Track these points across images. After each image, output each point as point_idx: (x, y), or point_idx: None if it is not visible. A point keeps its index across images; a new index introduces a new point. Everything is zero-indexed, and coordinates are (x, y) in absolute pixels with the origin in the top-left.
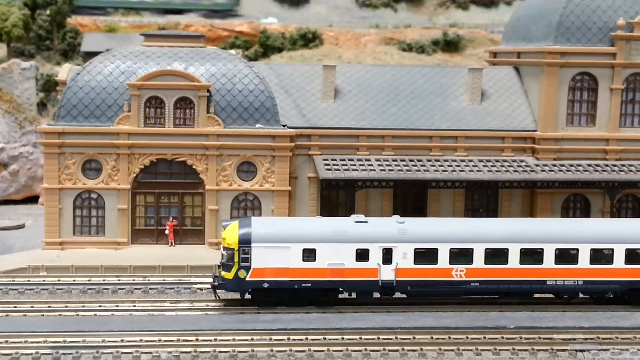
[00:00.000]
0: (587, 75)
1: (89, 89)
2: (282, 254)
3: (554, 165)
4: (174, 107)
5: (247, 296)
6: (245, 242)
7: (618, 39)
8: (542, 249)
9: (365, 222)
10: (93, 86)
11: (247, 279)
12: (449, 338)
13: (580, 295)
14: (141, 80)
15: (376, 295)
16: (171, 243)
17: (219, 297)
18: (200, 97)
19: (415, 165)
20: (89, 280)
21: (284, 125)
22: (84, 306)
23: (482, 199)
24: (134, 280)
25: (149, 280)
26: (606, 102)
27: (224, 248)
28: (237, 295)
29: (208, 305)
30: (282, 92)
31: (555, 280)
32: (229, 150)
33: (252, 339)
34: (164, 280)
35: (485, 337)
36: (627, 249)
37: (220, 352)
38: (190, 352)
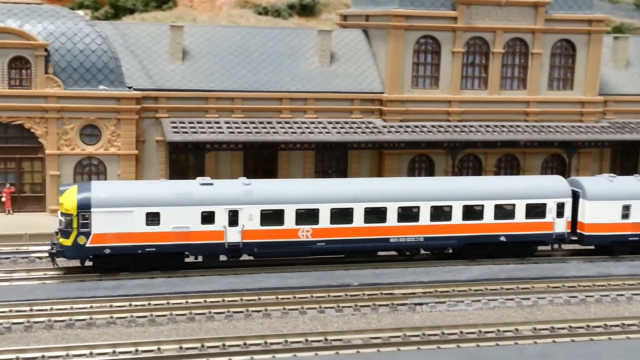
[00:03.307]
0: (430, 38)
1: None
2: (125, 219)
3: (400, 127)
4: (8, 67)
5: (89, 263)
6: (84, 207)
7: (459, 3)
8: (385, 208)
9: (211, 184)
10: None
11: (88, 245)
12: (294, 298)
13: (422, 251)
14: None
15: (223, 258)
16: (8, 211)
17: (57, 265)
18: (38, 57)
19: (265, 128)
20: None
21: (129, 87)
22: None
23: (331, 160)
24: None
25: None
26: (448, 65)
27: (62, 214)
28: (77, 263)
29: (46, 274)
30: (127, 52)
31: (398, 238)
32: (70, 112)
33: (91, 307)
34: None
35: (329, 295)
36: (464, 206)
37: (55, 321)
38: (23, 323)
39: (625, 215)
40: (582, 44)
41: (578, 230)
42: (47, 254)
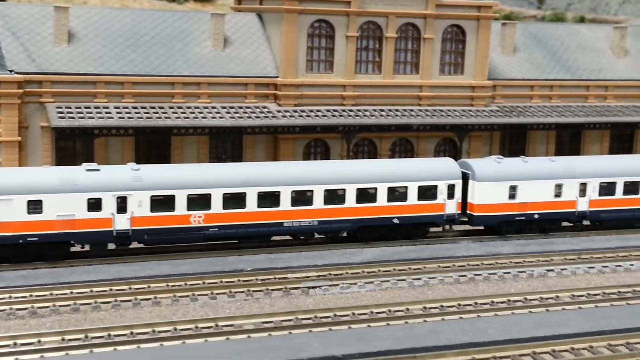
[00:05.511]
0: (324, 22)
1: None
2: (4, 207)
3: (295, 111)
4: None
5: None
6: None
7: None
8: (279, 192)
9: (98, 170)
10: None
11: None
12: (185, 284)
13: (317, 235)
14: None
15: (112, 246)
16: None
17: None
18: None
19: (156, 113)
20: None
21: (10, 71)
22: None
23: (226, 146)
24: None
25: None
26: (343, 49)
27: None
28: None
29: None
30: (8, 34)
31: (292, 222)
32: None
33: None
34: None
35: (221, 281)
36: (357, 189)
37: None
38: None
39: (512, 196)
40: (472, 29)
41: (468, 211)
42: None
